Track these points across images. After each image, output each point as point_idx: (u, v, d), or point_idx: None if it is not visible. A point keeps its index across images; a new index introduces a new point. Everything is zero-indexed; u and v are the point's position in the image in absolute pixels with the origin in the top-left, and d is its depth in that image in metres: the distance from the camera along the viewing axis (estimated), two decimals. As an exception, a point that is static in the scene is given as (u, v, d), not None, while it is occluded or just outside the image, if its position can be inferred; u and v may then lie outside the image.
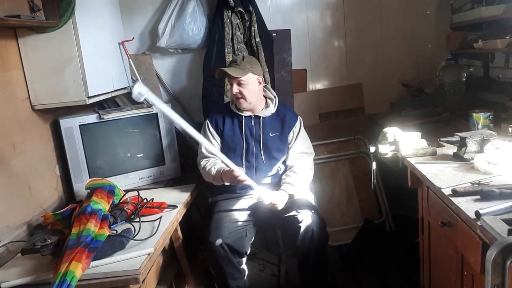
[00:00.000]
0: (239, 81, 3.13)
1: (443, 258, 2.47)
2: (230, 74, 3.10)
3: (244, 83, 3.14)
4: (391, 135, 2.92)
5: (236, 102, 3.23)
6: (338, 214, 4.36)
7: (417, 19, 4.56)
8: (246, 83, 3.14)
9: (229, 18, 3.99)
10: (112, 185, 2.81)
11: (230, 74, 3.10)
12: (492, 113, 3.12)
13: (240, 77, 3.11)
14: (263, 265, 4.11)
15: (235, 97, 3.18)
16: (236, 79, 3.13)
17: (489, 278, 1.54)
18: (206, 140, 2.99)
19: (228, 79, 3.20)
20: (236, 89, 3.14)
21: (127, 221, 2.68)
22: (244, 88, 3.15)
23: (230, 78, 3.15)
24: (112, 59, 3.71)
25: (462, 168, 2.45)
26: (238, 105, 3.22)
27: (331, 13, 4.53)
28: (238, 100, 3.18)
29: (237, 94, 3.15)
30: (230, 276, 3.00)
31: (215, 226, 3.01)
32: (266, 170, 3.28)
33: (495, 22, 3.49)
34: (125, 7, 4.17)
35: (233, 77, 3.12)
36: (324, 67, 4.63)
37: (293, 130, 3.32)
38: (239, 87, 3.14)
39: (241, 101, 3.18)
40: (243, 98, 3.17)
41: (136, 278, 2.12)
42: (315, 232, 2.95)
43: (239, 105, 3.22)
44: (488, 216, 1.74)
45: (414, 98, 4.42)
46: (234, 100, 3.22)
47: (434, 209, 2.46)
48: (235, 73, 3.10)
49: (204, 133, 3.31)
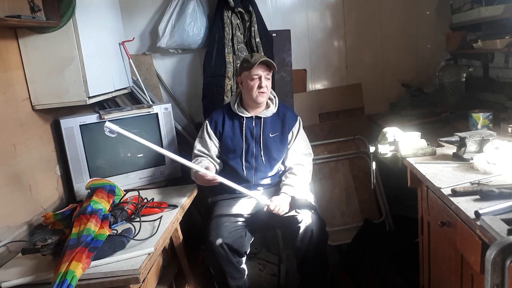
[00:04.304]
0: (267, 76, 3.16)
1: (443, 258, 2.48)
2: (267, 66, 3.14)
3: (269, 78, 3.18)
4: (391, 135, 2.92)
5: (257, 96, 3.16)
6: (338, 214, 4.37)
7: (417, 20, 4.57)
8: (270, 79, 3.19)
9: (229, 19, 3.99)
10: (113, 185, 2.81)
11: (265, 66, 3.14)
12: (491, 113, 3.13)
13: (271, 70, 3.17)
14: (263, 264, 4.11)
15: (261, 91, 3.15)
16: (266, 73, 3.15)
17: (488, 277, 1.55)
18: (185, 161, 2.93)
19: (255, 72, 3.13)
20: (265, 83, 3.14)
21: (127, 221, 2.68)
22: (269, 83, 3.18)
23: (262, 70, 3.14)
24: (112, 59, 3.71)
25: (462, 168, 2.45)
26: (258, 99, 3.18)
27: (331, 13, 4.53)
28: (262, 94, 3.16)
29: (265, 87, 3.15)
30: (230, 275, 3.01)
31: (215, 226, 3.02)
32: (266, 171, 3.28)
33: (495, 22, 3.50)
34: (125, 8, 4.18)
35: (267, 70, 3.15)
36: (324, 67, 4.64)
37: (292, 131, 3.32)
38: (266, 81, 3.16)
39: (265, 95, 3.19)
40: (267, 92, 3.19)
41: (137, 278, 2.12)
42: (315, 232, 2.95)
43: (261, 99, 3.18)
44: (487, 216, 1.74)
45: (414, 98, 4.43)
46: (257, 94, 3.16)
47: (434, 209, 2.46)
48: (272, 65, 3.15)
49: (202, 133, 3.32)
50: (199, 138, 3.33)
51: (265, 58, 3.14)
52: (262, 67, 3.13)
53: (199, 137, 3.33)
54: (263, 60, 3.12)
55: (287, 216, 3.06)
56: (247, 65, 3.16)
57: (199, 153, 3.27)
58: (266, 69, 3.14)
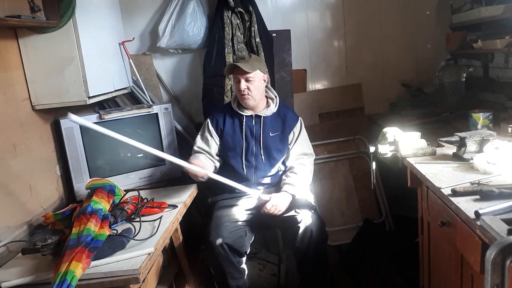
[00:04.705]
0: (248, 77, 3.13)
1: (443, 258, 2.47)
2: (242, 69, 3.08)
3: (252, 79, 3.14)
4: (391, 135, 2.92)
5: (241, 99, 3.21)
6: (338, 214, 4.37)
7: (417, 20, 4.57)
8: (253, 80, 3.14)
9: (229, 19, 3.99)
10: (113, 185, 2.80)
11: (241, 69, 3.08)
12: (491, 113, 3.13)
13: (250, 73, 3.11)
14: (263, 264, 4.11)
15: (242, 94, 3.16)
16: (244, 75, 3.12)
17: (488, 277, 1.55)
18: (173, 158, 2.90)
19: (235, 76, 3.17)
20: (244, 85, 3.13)
21: (127, 221, 2.68)
22: (252, 84, 3.14)
23: (239, 73, 3.13)
24: (112, 59, 3.71)
25: (462, 168, 2.45)
26: (243, 102, 3.21)
27: (331, 13, 4.53)
28: (244, 96, 3.16)
29: (244, 90, 3.14)
30: (230, 275, 3.01)
31: (215, 226, 3.02)
32: (266, 170, 3.28)
33: (495, 22, 3.50)
34: (125, 8, 4.18)
35: (243, 73, 3.11)
36: (324, 67, 4.64)
37: (294, 131, 3.32)
38: (247, 83, 3.14)
39: (247, 98, 3.17)
40: (250, 95, 3.16)
41: (137, 278, 2.12)
42: (314, 232, 2.95)
43: (244, 102, 3.20)
44: (487, 216, 1.74)
45: (414, 98, 4.43)
46: (240, 97, 3.20)
47: (434, 209, 2.46)
48: (246, 67, 3.08)
49: (203, 131, 3.33)
50: (200, 136, 3.34)
51: (238, 61, 3.14)
52: (239, 69, 3.11)
53: (201, 134, 3.35)
54: (232, 64, 3.14)
55: (286, 216, 3.06)
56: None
57: (199, 149, 3.28)
58: (244, 71, 3.12)
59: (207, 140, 3.28)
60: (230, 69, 3.17)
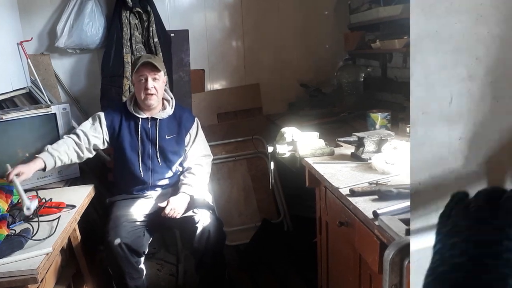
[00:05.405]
0: (155, 77, 3.10)
1: (341, 258, 2.49)
2: (152, 67, 3.06)
3: (158, 79, 3.12)
4: (289, 135, 2.92)
5: (145, 98, 3.11)
6: (236, 214, 4.37)
7: (315, 20, 4.64)
8: (159, 80, 3.13)
9: (128, 19, 3.92)
10: (11, 185, 2.70)
11: (151, 67, 3.06)
12: (389, 113, 3.20)
13: (159, 71, 3.11)
14: (162, 264, 4.08)
15: (148, 93, 3.08)
16: (152, 74, 3.08)
17: (387, 277, 1.56)
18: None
19: (142, 73, 3.09)
20: (151, 84, 3.07)
21: (25, 221, 2.59)
22: (157, 84, 3.12)
23: (147, 71, 3.07)
24: (10, 59, 3.64)
25: (360, 168, 2.48)
26: (148, 101, 3.12)
27: (229, 13, 4.51)
28: (150, 96, 3.10)
29: (152, 89, 3.08)
30: (128, 275, 2.98)
31: (113, 226, 2.97)
32: (163, 172, 3.25)
33: (393, 22, 3.57)
34: (23, 7, 4.02)
35: (152, 71, 3.08)
36: (222, 67, 4.61)
37: (190, 133, 3.31)
38: (154, 82, 3.09)
39: (153, 97, 3.12)
40: (156, 94, 3.12)
41: (35, 278, 2.10)
42: (212, 232, 2.96)
43: (148, 101, 3.12)
44: (385, 216, 1.75)
45: (312, 98, 4.48)
46: (144, 96, 3.11)
47: (332, 209, 2.47)
48: (160, 65, 3.10)
49: (94, 120, 3.21)
50: (90, 124, 3.20)
51: (149, 59, 3.10)
52: (148, 68, 3.07)
53: (91, 122, 3.21)
54: (146, 61, 3.08)
55: (184, 217, 3.05)
56: (133, 66, 3.17)
57: (81, 133, 3.12)
58: (153, 70, 3.08)
59: (95, 130, 3.16)
60: (140, 65, 3.09)
